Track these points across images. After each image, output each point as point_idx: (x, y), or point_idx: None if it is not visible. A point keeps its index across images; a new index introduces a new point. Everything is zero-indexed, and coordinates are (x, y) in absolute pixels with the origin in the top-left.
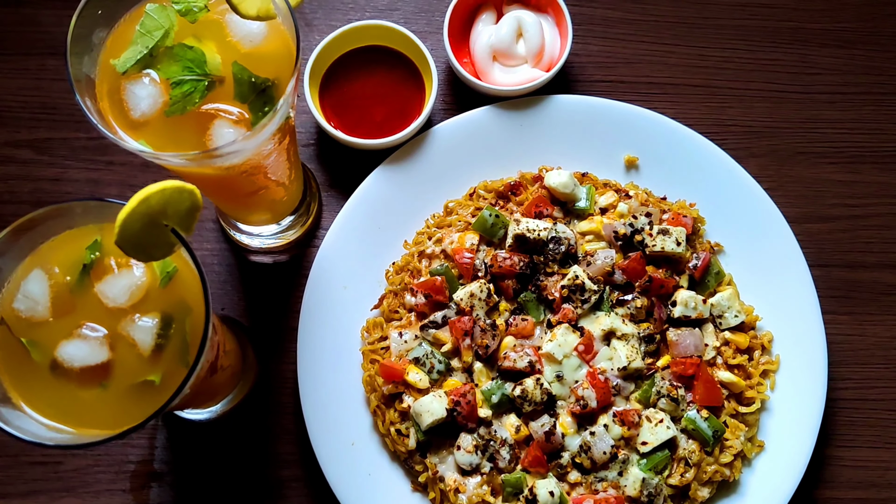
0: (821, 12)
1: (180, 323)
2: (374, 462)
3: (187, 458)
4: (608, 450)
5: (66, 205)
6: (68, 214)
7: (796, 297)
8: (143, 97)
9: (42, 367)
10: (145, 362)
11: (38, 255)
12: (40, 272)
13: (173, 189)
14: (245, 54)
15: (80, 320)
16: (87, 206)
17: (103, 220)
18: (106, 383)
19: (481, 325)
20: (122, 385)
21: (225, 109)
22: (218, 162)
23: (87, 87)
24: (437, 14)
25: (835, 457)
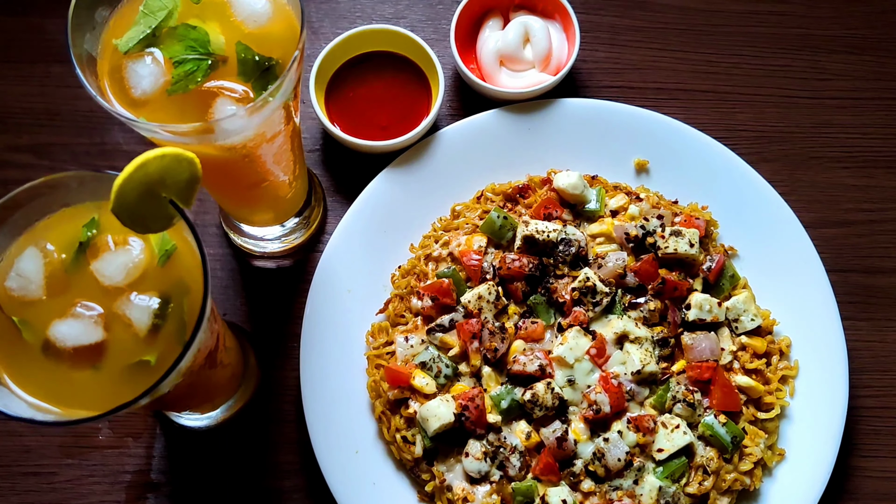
0: (829, 19)
1: (178, 303)
2: (378, 471)
3: (185, 467)
4: (623, 457)
5: (61, 177)
6: (63, 189)
7: (814, 302)
8: (145, 76)
9: (34, 347)
10: (141, 343)
11: (33, 233)
12: (34, 250)
13: (172, 157)
14: (249, 34)
15: (75, 299)
16: (83, 179)
17: (100, 198)
18: (99, 365)
19: (490, 327)
20: (116, 366)
21: (228, 87)
22: (219, 139)
23: (87, 64)
24: (444, 22)
25: (858, 467)
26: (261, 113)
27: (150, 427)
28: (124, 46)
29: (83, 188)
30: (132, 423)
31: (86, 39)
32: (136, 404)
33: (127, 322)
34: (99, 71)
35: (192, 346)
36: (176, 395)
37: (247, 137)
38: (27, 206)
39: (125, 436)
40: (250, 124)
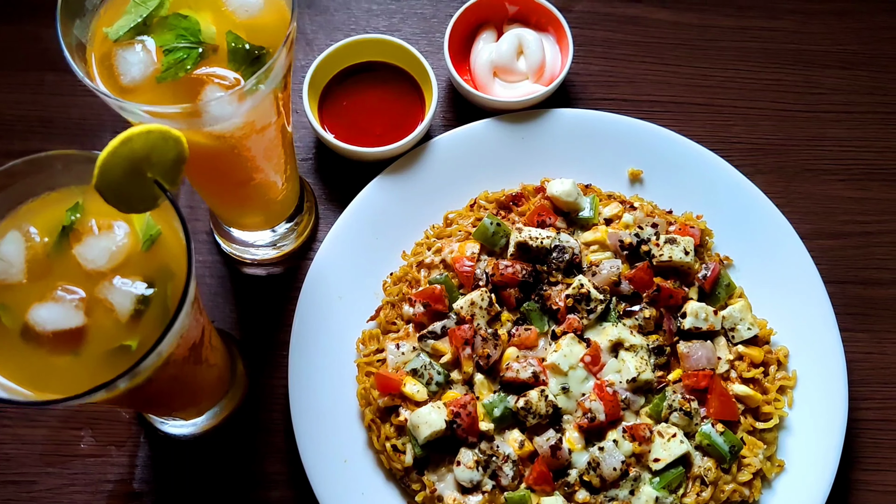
0: (821, 35)
1: (162, 288)
2: (368, 481)
3: (169, 477)
4: (618, 466)
5: (44, 156)
6: (48, 170)
7: (811, 313)
8: (134, 63)
9: (12, 332)
10: (123, 328)
11: (16, 217)
12: (16, 234)
13: (158, 134)
14: (240, 24)
15: (56, 283)
16: (68, 160)
17: (86, 182)
18: (79, 350)
19: (482, 334)
20: (96, 351)
21: (218, 74)
22: (208, 125)
23: (77, 51)
24: (438, 35)
25: (860, 481)
26: (249, 99)
27: (133, 435)
28: (114, 35)
29: (68, 170)
30: (116, 431)
31: (76, 25)
32: (115, 388)
33: (109, 307)
34: (88, 58)
35: (175, 326)
36: (160, 389)
37: (236, 125)
38: (9, 188)
39: (108, 444)
40: (239, 111)
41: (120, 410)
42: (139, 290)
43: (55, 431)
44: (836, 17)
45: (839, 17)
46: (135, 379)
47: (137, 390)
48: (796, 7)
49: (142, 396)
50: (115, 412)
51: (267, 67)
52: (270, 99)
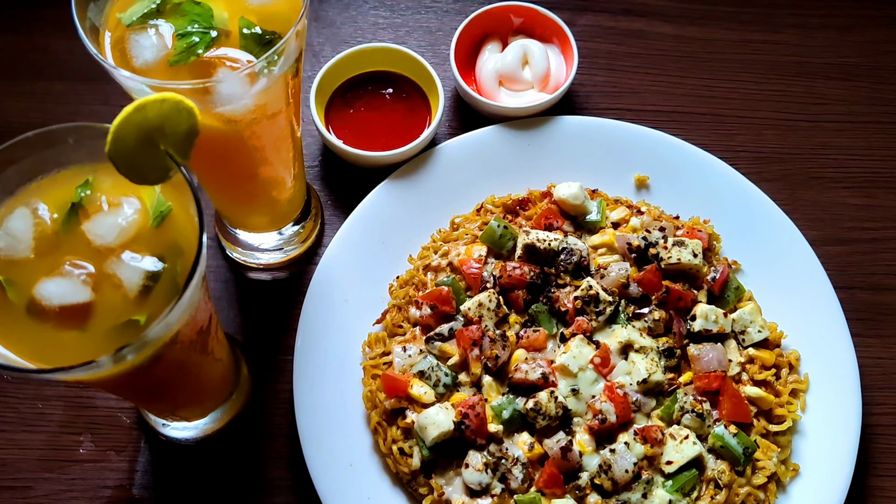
0: (823, 48)
1: (171, 265)
2: (374, 486)
3: (170, 482)
4: (630, 468)
5: (57, 129)
6: (59, 146)
7: (822, 317)
8: (147, 46)
9: (18, 307)
10: (130, 303)
11: (25, 194)
12: (24, 210)
13: (172, 103)
14: (252, 10)
15: (64, 258)
16: (80, 135)
17: (97, 159)
18: (85, 325)
19: (490, 335)
20: (103, 326)
21: (230, 57)
22: (218, 105)
23: (90, 33)
24: (443, 46)
25: (877, 487)
26: (261, 81)
27: (134, 441)
28: (128, 20)
29: (80, 146)
30: (116, 436)
31: (90, 9)
32: (122, 359)
33: (117, 282)
34: (101, 41)
35: (185, 298)
36: (166, 376)
37: (247, 108)
38: (20, 162)
39: (108, 449)
40: (250, 92)
41: (121, 415)
42: (148, 265)
43: (54, 436)
44: (836, 31)
45: (840, 31)
46: (142, 352)
47: (144, 372)
48: (797, 21)
49: (147, 383)
50: (116, 416)
51: (279, 47)
52: (281, 84)
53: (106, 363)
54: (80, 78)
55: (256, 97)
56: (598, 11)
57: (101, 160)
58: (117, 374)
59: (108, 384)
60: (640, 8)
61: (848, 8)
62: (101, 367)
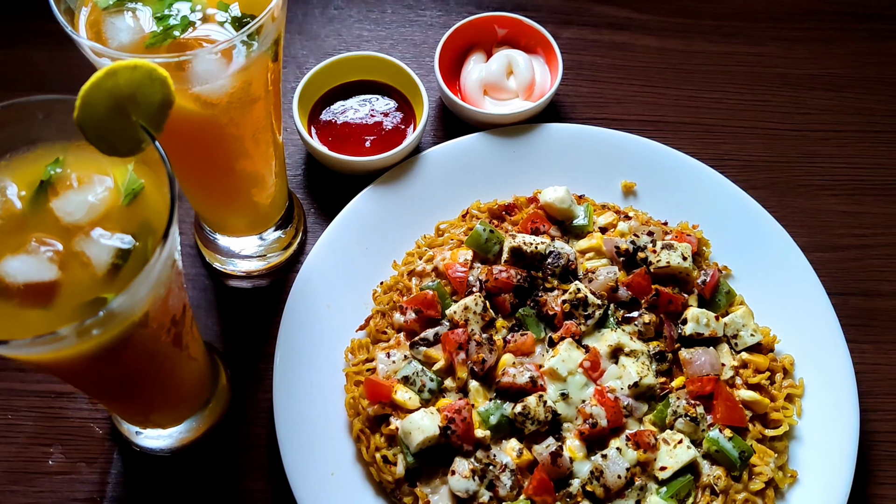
0: (806, 60)
1: (142, 244)
2: (356, 496)
3: (143, 495)
4: (623, 474)
5: (25, 102)
6: (28, 121)
7: (815, 322)
8: (122, 28)
9: None
10: (98, 282)
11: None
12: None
13: (144, 71)
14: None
15: (31, 235)
16: (50, 109)
17: (68, 137)
18: (51, 304)
19: (477, 338)
20: (69, 305)
21: (208, 39)
22: (195, 85)
23: (65, 15)
24: (428, 59)
25: (878, 495)
26: (237, 61)
27: (106, 452)
28: (104, 2)
29: (50, 121)
30: (87, 447)
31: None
32: (87, 334)
33: (85, 260)
34: (76, 24)
35: (154, 271)
36: (137, 368)
37: (224, 89)
38: None
39: (79, 461)
40: (226, 71)
41: (93, 426)
42: (118, 242)
43: (23, 448)
44: (819, 43)
45: (822, 43)
46: (108, 329)
47: (112, 357)
48: (779, 34)
49: (117, 373)
50: (88, 427)
51: (256, 23)
52: (260, 68)
53: (69, 336)
54: (61, 89)
55: (234, 78)
56: (581, 25)
57: (72, 138)
58: (85, 355)
59: (76, 370)
60: (623, 21)
61: (829, 21)
62: (65, 342)
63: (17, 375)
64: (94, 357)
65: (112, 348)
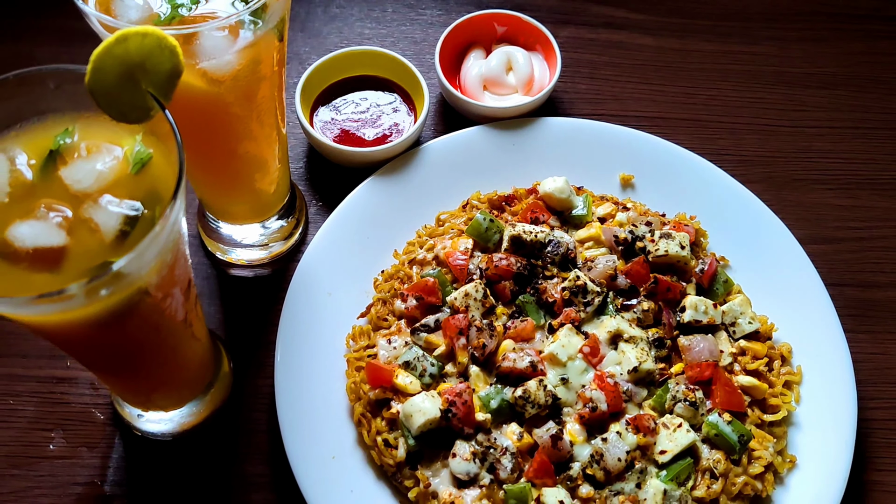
0: (800, 58)
1: (150, 212)
2: (357, 478)
3: (143, 479)
4: (623, 456)
5: (37, 72)
6: (39, 90)
7: (812, 311)
8: (132, 7)
9: None
10: (106, 248)
11: (4, 141)
12: (1, 156)
13: (154, 39)
14: None
15: (40, 201)
16: (61, 79)
17: (78, 108)
18: (58, 269)
19: (477, 324)
20: (76, 269)
21: (215, 15)
22: (202, 60)
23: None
24: (428, 56)
25: (876, 482)
26: (244, 37)
27: (107, 437)
28: None
29: (61, 91)
30: (88, 432)
31: None
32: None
33: (93, 226)
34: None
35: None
36: (141, 339)
37: (231, 65)
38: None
39: (79, 445)
40: (233, 47)
41: (95, 411)
42: (126, 209)
43: (24, 433)
44: (813, 43)
45: (816, 43)
46: (115, 291)
47: (117, 325)
48: (774, 34)
49: (121, 345)
50: (90, 412)
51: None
52: (266, 46)
53: (78, 295)
54: None
55: (240, 55)
56: (579, 24)
57: (82, 109)
58: (92, 320)
59: (82, 339)
60: (620, 21)
61: (823, 21)
62: (73, 302)
63: (20, 361)
64: (100, 324)
65: (119, 314)
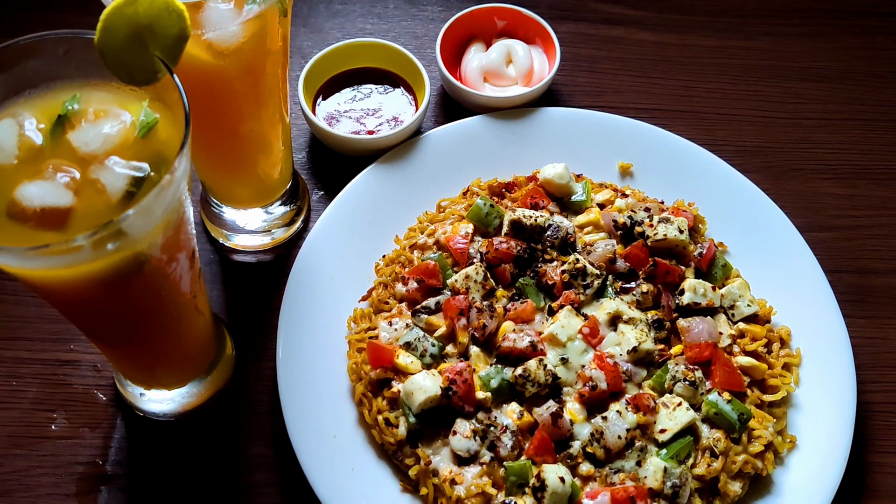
0: (796, 53)
1: (156, 174)
2: (358, 457)
3: (145, 459)
4: (623, 434)
5: (46, 38)
6: (49, 55)
7: (811, 295)
8: None
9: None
10: (112, 209)
11: (13, 106)
12: (10, 121)
13: (162, 2)
14: None
15: (48, 163)
16: (71, 45)
17: (87, 75)
18: (64, 228)
19: (477, 305)
20: (82, 229)
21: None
22: (207, 31)
23: None
24: (429, 50)
25: (877, 463)
26: (250, 8)
27: (110, 418)
28: None
29: (70, 58)
30: (91, 413)
31: None
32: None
33: (100, 187)
34: None
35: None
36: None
37: (235, 37)
38: (8, 72)
39: (81, 426)
40: (238, 18)
41: (97, 392)
42: (132, 170)
43: (26, 413)
44: (809, 38)
45: (812, 38)
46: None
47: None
48: (770, 30)
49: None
50: (92, 394)
51: None
52: (270, 20)
53: (85, 248)
54: None
55: (245, 27)
56: (578, 20)
57: (90, 77)
58: (97, 279)
59: (88, 301)
60: (618, 17)
61: (819, 18)
62: (80, 255)
63: (24, 345)
64: (105, 283)
65: (124, 274)
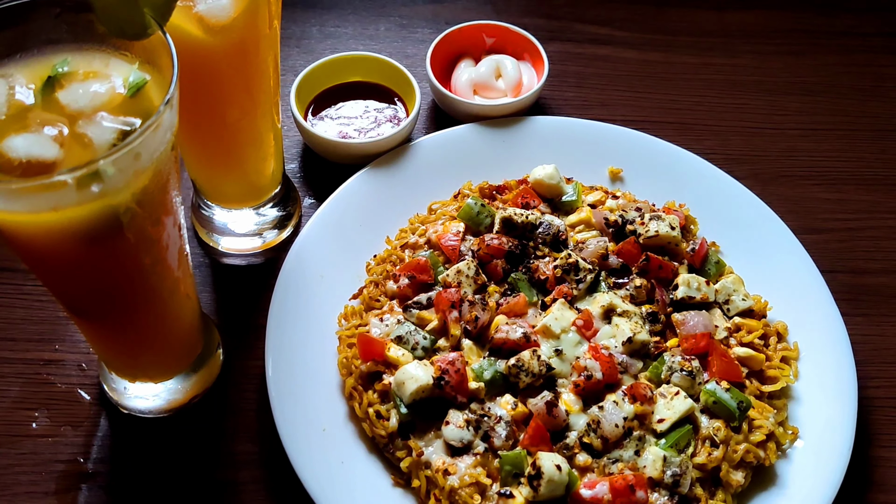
0: (780, 69)
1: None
2: (348, 451)
3: (127, 458)
4: (620, 423)
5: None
6: (42, 19)
7: (806, 291)
8: None
9: None
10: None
11: (3, 69)
12: (1, 80)
13: None
14: None
15: (36, 117)
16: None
17: (79, 41)
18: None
19: (469, 298)
20: None
21: None
22: (199, 5)
23: None
24: (420, 68)
25: (881, 458)
26: None
27: (93, 416)
28: None
29: (62, 22)
30: (73, 411)
31: None
32: (86, 187)
33: (86, 141)
34: None
35: (160, 131)
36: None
37: (226, 12)
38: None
39: (63, 424)
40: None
41: (81, 391)
42: (120, 124)
43: (7, 412)
44: (791, 56)
45: (795, 56)
46: (107, 193)
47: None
48: (754, 48)
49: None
50: (75, 393)
51: None
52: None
53: (70, 187)
54: None
55: (237, 1)
56: (565, 41)
57: (82, 41)
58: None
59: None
60: (605, 38)
61: (800, 37)
62: (63, 195)
63: (7, 345)
64: (89, 239)
65: (109, 226)
